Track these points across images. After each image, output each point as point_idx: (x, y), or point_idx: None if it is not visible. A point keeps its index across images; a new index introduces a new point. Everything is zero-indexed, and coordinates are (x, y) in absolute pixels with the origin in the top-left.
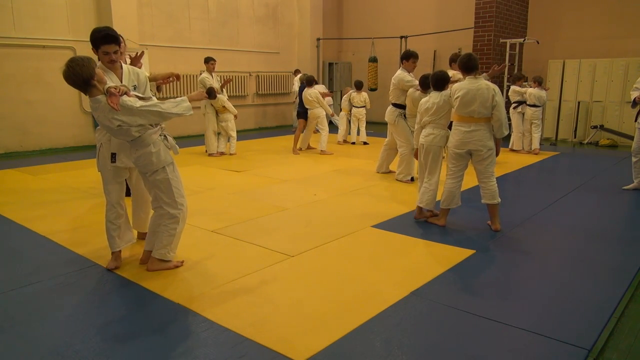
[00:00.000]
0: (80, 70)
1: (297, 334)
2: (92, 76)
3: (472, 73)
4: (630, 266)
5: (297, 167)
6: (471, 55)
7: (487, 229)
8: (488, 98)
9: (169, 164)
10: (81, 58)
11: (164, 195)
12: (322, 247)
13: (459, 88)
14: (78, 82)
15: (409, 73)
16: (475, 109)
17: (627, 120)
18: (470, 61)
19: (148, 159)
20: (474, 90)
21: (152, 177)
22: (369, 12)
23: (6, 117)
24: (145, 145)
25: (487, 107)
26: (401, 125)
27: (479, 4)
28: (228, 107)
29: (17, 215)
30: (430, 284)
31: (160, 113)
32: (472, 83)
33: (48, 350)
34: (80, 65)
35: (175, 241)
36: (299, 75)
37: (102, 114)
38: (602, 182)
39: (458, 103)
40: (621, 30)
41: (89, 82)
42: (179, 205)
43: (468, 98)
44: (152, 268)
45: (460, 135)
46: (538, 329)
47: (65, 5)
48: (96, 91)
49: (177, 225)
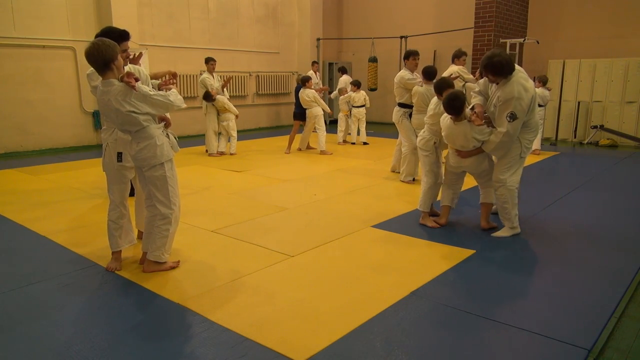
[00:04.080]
0: (105, 51)
1: (297, 334)
2: (113, 59)
3: (455, 116)
4: (630, 266)
5: (297, 167)
6: (456, 100)
7: (487, 229)
8: (468, 143)
9: (169, 160)
10: (108, 41)
11: (159, 193)
12: (322, 247)
13: (442, 126)
14: (99, 61)
15: (411, 72)
16: (459, 146)
17: (627, 120)
18: (455, 104)
19: (152, 151)
20: (455, 134)
21: (149, 173)
22: (369, 12)
23: (6, 117)
24: (150, 138)
25: (470, 147)
26: (405, 125)
27: (479, 4)
28: (229, 107)
29: (17, 215)
30: (430, 284)
31: (166, 104)
32: (452, 127)
33: (48, 350)
34: (107, 45)
35: (169, 242)
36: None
37: (114, 97)
38: (602, 182)
39: (444, 138)
40: (621, 30)
41: (109, 64)
42: (172, 205)
43: (451, 138)
44: (148, 270)
45: (453, 159)
46: (538, 329)
47: (65, 5)
48: (112, 74)
49: (169, 227)
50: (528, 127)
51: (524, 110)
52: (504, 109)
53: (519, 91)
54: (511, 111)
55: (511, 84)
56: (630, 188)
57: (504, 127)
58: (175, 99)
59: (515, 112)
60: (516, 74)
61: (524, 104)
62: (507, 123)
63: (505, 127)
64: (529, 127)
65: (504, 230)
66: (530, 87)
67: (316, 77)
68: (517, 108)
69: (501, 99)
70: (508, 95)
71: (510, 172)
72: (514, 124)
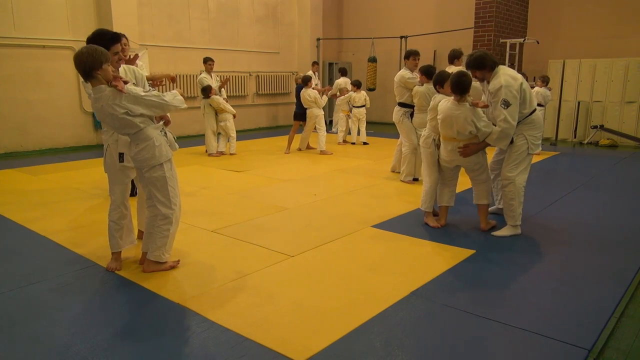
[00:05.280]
0: (88, 59)
1: (297, 334)
2: (97, 67)
3: (461, 95)
4: (630, 266)
5: (297, 167)
6: (464, 76)
7: (487, 229)
8: (466, 127)
9: (168, 160)
10: (95, 49)
11: (159, 194)
12: (322, 247)
13: (439, 110)
14: (82, 70)
15: (410, 71)
16: (454, 133)
17: (627, 120)
18: (463, 82)
19: (150, 152)
20: (452, 117)
21: (148, 174)
22: (369, 12)
23: (6, 117)
24: (148, 139)
25: (465, 134)
26: (405, 125)
27: (479, 4)
28: (225, 107)
29: (17, 215)
30: (430, 284)
31: (161, 104)
32: (454, 109)
33: (48, 350)
34: (90, 54)
35: (170, 242)
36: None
37: (106, 102)
38: (603, 182)
39: (440, 124)
40: (621, 30)
41: (92, 73)
42: (173, 205)
43: (447, 122)
44: (148, 269)
45: (445, 153)
46: (538, 329)
47: (65, 5)
48: (97, 82)
49: (170, 227)
50: (531, 123)
51: (515, 96)
52: (497, 100)
53: (506, 80)
54: (503, 98)
55: (498, 76)
56: (630, 188)
57: (502, 114)
58: (173, 100)
59: (506, 98)
60: (502, 68)
61: (513, 90)
62: (503, 110)
63: (503, 114)
64: (532, 123)
65: (505, 229)
66: (518, 77)
67: (315, 78)
68: (507, 95)
69: (492, 91)
70: (496, 85)
71: (519, 169)
72: (509, 110)
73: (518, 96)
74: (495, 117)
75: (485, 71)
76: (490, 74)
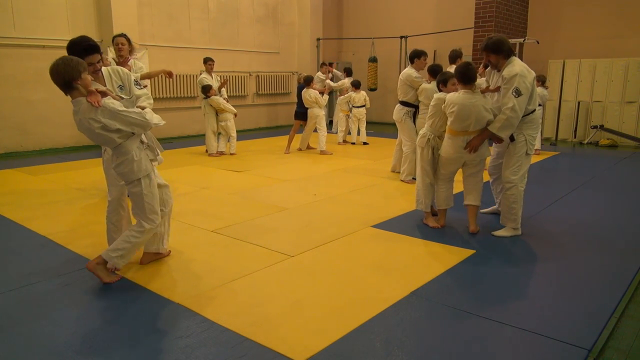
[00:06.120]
0: (64, 71)
1: (297, 334)
2: (74, 79)
3: (469, 85)
4: (630, 266)
5: (297, 167)
6: (469, 66)
7: (487, 230)
8: (485, 116)
9: (146, 175)
10: (70, 59)
11: (137, 208)
12: (322, 247)
13: (453, 102)
14: (59, 82)
15: (416, 71)
16: (470, 124)
17: (627, 120)
18: (469, 72)
19: (129, 167)
20: (469, 106)
21: (128, 188)
22: (369, 12)
23: (6, 117)
24: (126, 153)
25: (482, 123)
26: (407, 124)
27: (479, 4)
28: (225, 107)
29: (17, 215)
30: (430, 284)
31: (141, 122)
32: (468, 98)
33: (48, 350)
34: (66, 65)
35: (129, 252)
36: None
37: (83, 116)
38: (603, 182)
39: (453, 118)
40: (621, 30)
41: (71, 84)
42: (149, 221)
43: (464, 113)
44: (90, 265)
45: (453, 149)
46: (538, 329)
47: (65, 5)
48: (78, 93)
49: (140, 237)
50: (531, 122)
51: (527, 88)
52: (509, 87)
53: (521, 70)
54: (516, 87)
55: (513, 65)
56: (630, 188)
57: (511, 102)
58: (152, 118)
59: (519, 87)
60: (517, 59)
61: (527, 82)
62: (513, 98)
63: (512, 102)
64: (532, 122)
65: (506, 230)
66: (531, 71)
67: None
68: (521, 85)
69: (505, 78)
70: (512, 72)
71: (521, 172)
72: (519, 100)
73: (530, 89)
74: (503, 104)
75: (500, 57)
76: (504, 61)
